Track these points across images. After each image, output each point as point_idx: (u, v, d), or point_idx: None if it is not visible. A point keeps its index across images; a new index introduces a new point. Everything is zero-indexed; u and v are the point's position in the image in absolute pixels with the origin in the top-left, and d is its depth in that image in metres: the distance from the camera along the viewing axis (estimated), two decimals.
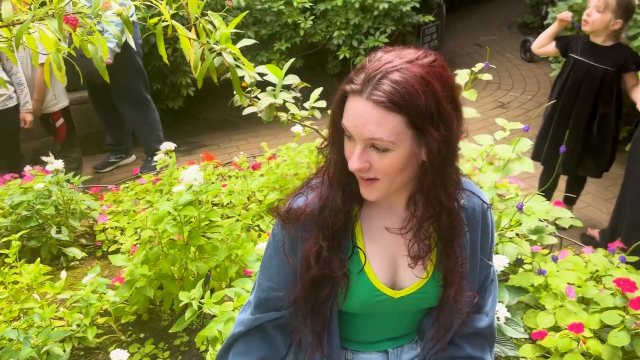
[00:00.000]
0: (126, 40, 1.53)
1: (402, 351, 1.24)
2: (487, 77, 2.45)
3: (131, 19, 1.51)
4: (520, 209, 1.96)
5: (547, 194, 2.95)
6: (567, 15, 2.98)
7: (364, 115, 0.90)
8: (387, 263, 1.09)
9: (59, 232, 2.66)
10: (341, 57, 5.00)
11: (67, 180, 2.83)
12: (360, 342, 1.23)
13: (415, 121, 0.89)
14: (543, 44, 3.13)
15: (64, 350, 1.95)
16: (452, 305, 1.08)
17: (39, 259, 2.30)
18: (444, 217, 1.01)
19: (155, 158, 2.88)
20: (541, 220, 2.08)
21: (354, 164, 0.94)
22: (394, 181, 0.97)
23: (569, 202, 3.19)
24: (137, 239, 2.62)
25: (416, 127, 0.90)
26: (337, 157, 1.01)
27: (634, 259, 2.20)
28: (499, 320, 1.83)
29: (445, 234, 1.03)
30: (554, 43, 3.08)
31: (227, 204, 2.81)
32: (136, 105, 4.02)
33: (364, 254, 1.07)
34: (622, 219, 2.75)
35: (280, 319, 1.16)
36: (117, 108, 4.10)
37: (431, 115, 0.90)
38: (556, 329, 1.88)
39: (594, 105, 2.93)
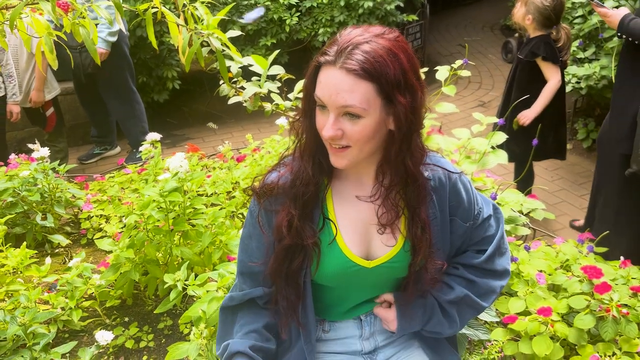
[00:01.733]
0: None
1: (375, 317, 1.29)
2: (465, 73, 2.53)
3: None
4: (494, 198, 2.05)
5: (523, 185, 3.03)
6: None
7: (337, 84, 0.96)
8: (360, 234, 1.15)
9: (44, 218, 2.69)
10: None
11: (53, 169, 2.86)
12: (337, 313, 1.28)
13: (385, 89, 0.96)
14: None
15: (49, 332, 1.99)
16: (422, 273, 1.15)
17: (24, 243, 2.33)
18: (410, 184, 1.07)
19: (140, 148, 2.92)
20: (514, 211, 2.17)
21: (328, 132, 1.00)
22: (364, 149, 1.03)
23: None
24: (121, 227, 2.66)
25: (385, 95, 0.97)
26: (308, 129, 1.08)
27: (602, 249, 2.30)
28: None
29: (412, 202, 1.09)
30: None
31: (212, 194, 2.86)
32: (122, 97, 4.04)
33: (335, 225, 1.13)
34: (594, 211, 2.87)
35: (268, 295, 1.21)
36: (103, 99, 4.12)
37: (399, 84, 0.97)
38: (526, 313, 1.96)
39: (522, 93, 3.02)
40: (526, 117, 3.03)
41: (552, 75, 3.03)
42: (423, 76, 1.06)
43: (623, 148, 2.50)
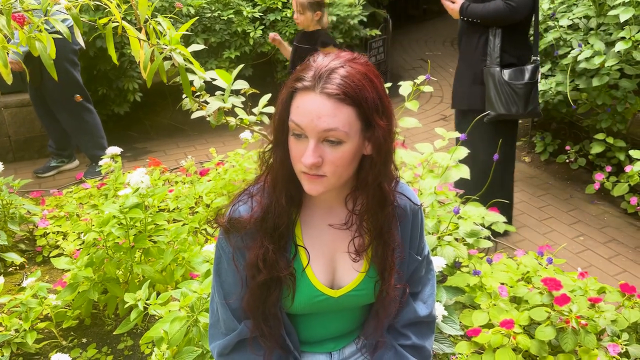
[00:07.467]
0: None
1: (344, 351, 1.29)
2: (428, 88, 2.57)
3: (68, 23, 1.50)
4: (456, 212, 2.07)
5: None
6: (272, 36, 3.84)
7: (318, 109, 0.93)
8: (326, 263, 1.13)
9: None
10: None
11: (7, 184, 2.75)
12: (305, 343, 1.26)
13: (365, 112, 0.96)
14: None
15: (2, 356, 1.90)
16: (389, 299, 1.15)
17: None
18: (382, 209, 1.06)
19: (100, 163, 2.84)
20: (476, 224, 2.20)
21: (308, 159, 0.95)
22: (342, 176, 1.01)
23: None
24: (80, 244, 2.58)
25: (365, 119, 0.96)
26: (281, 159, 1.03)
27: (561, 261, 2.37)
28: (436, 318, 1.92)
29: (381, 228, 1.09)
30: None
31: (174, 209, 2.80)
32: (70, 112, 3.91)
33: (307, 252, 1.11)
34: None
35: (252, 329, 1.16)
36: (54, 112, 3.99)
37: (377, 107, 0.97)
38: (490, 326, 1.99)
39: None
40: None
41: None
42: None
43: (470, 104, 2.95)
